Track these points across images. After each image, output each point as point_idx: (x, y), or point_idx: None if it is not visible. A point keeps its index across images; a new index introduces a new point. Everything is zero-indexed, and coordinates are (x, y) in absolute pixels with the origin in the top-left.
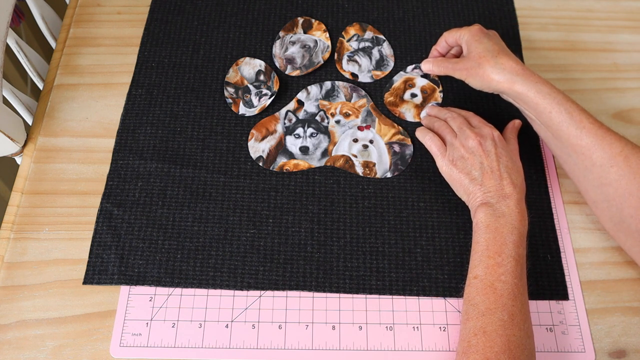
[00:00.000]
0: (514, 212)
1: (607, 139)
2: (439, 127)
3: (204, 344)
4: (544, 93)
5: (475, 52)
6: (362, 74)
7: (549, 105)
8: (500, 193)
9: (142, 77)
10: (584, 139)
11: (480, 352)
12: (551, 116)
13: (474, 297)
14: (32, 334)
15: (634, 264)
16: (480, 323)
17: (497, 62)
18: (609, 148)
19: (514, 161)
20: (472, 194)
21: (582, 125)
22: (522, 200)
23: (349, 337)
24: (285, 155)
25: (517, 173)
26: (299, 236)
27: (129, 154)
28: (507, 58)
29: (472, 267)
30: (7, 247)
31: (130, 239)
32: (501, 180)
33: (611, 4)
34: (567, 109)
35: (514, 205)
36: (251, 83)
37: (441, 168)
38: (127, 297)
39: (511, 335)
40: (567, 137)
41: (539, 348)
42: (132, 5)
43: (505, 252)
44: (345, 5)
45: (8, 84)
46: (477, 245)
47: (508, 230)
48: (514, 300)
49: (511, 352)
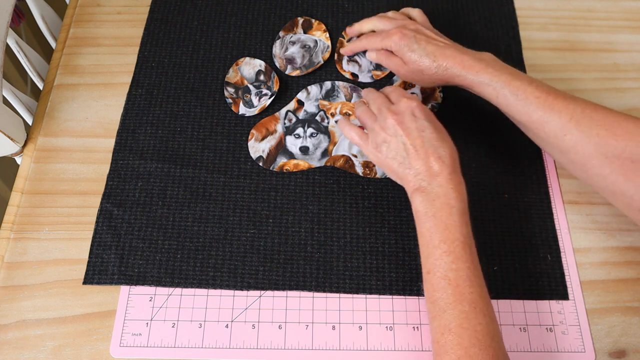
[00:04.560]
0: (447, 190)
1: (556, 109)
2: (360, 114)
3: (204, 344)
4: (486, 81)
5: (412, 60)
6: (362, 74)
7: (494, 91)
8: (429, 172)
9: (142, 77)
10: (533, 115)
11: (450, 352)
12: (498, 101)
13: (432, 294)
14: (32, 334)
15: (634, 264)
16: (444, 321)
17: (438, 65)
18: (558, 118)
19: (438, 130)
20: (404, 178)
21: (529, 102)
22: (453, 172)
23: (349, 337)
24: (285, 155)
25: (443, 143)
26: (299, 236)
27: (129, 154)
28: (444, 57)
29: (422, 262)
30: (7, 247)
31: (130, 239)
32: (427, 157)
33: (611, 4)
34: (511, 90)
35: (445, 183)
36: (251, 83)
37: (368, 156)
38: (127, 297)
39: (477, 324)
40: (519, 116)
41: (539, 348)
42: (132, 5)
43: (450, 237)
44: (345, 5)
45: (8, 84)
46: (422, 237)
47: (446, 213)
48: (471, 286)
49: (480, 343)
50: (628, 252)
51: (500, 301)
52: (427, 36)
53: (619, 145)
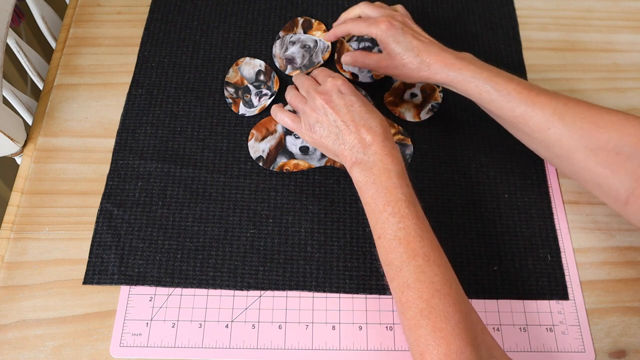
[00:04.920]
0: (382, 156)
1: (539, 104)
2: (290, 98)
3: (204, 344)
4: (468, 78)
5: (396, 52)
6: (362, 74)
7: (476, 88)
8: (363, 144)
9: (142, 77)
10: (516, 111)
11: (413, 307)
12: (481, 97)
13: (386, 256)
14: (32, 334)
15: (634, 264)
16: (401, 279)
17: (421, 61)
18: (541, 112)
19: (364, 103)
20: (341, 154)
21: (511, 98)
22: (385, 139)
23: (349, 337)
24: (285, 155)
25: (371, 114)
26: (299, 236)
27: (129, 154)
28: (427, 53)
29: (372, 229)
30: (7, 247)
31: (130, 239)
32: (359, 130)
33: (611, 4)
34: (493, 86)
35: (380, 150)
36: (251, 83)
37: (304, 138)
38: (127, 297)
39: (433, 276)
40: (502, 112)
41: (539, 348)
42: (132, 5)
43: (392, 199)
44: (345, 5)
45: (8, 84)
46: (367, 206)
47: (385, 177)
48: (422, 240)
49: (439, 293)
50: (628, 252)
51: (500, 301)
52: (413, 30)
53: (603, 137)
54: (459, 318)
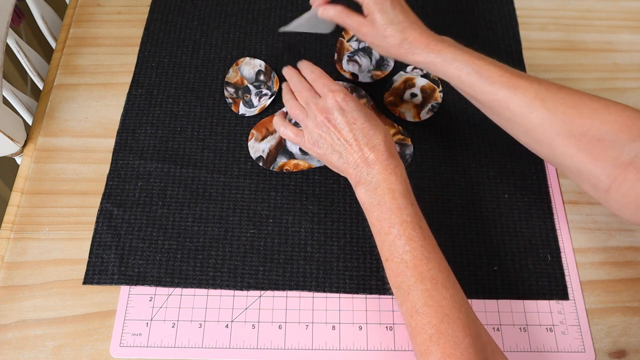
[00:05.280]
0: (386, 175)
1: (521, 88)
2: (289, 108)
3: (204, 344)
4: (448, 59)
5: (380, 23)
6: (362, 74)
7: (457, 70)
8: (366, 163)
9: (142, 77)
10: (498, 94)
11: (422, 332)
12: (461, 79)
13: (394, 279)
14: (32, 334)
15: (634, 264)
16: (410, 303)
17: (404, 38)
18: (523, 96)
19: (368, 118)
20: (345, 172)
21: (493, 81)
22: (389, 157)
23: (349, 337)
24: (285, 155)
25: (375, 131)
26: (299, 236)
27: (129, 154)
28: (412, 30)
29: (379, 251)
30: (7, 247)
31: (130, 239)
32: (362, 149)
33: (611, 4)
34: (475, 69)
35: (383, 169)
36: (251, 83)
37: (309, 152)
38: (127, 297)
39: (441, 299)
40: (482, 96)
41: (539, 348)
42: (132, 5)
43: (398, 221)
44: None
45: (8, 84)
46: (372, 227)
47: (389, 198)
48: (428, 263)
49: (448, 317)
50: (628, 252)
51: (500, 301)
52: (402, 5)
53: (585, 123)
54: (469, 342)
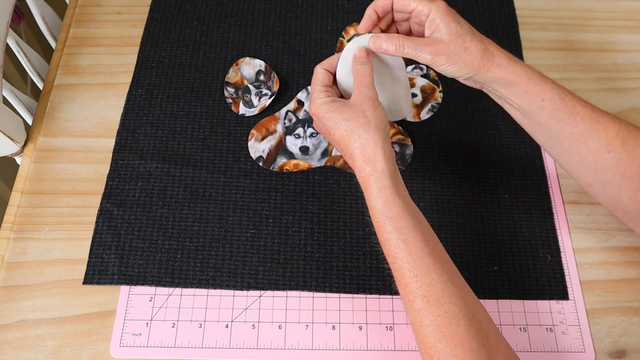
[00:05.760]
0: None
1: (602, 123)
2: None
3: (204, 344)
4: (535, 80)
5: (457, 34)
6: None
7: (541, 93)
8: (360, 174)
9: (142, 77)
10: (578, 126)
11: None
12: (543, 104)
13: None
14: (32, 334)
15: (634, 264)
16: (411, 322)
17: (485, 48)
18: (604, 133)
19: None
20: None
21: (576, 111)
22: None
23: (349, 337)
24: (285, 155)
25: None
26: (299, 236)
27: (129, 154)
28: (488, 41)
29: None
30: (7, 247)
31: (130, 239)
32: (348, 158)
33: (611, 4)
34: (560, 95)
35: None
36: (251, 83)
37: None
38: (127, 297)
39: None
40: (560, 125)
41: (539, 348)
42: (132, 5)
43: (381, 239)
44: (345, 5)
45: (8, 84)
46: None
47: (371, 214)
48: (416, 281)
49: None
50: (628, 252)
51: (500, 301)
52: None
53: None
54: (471, 357)
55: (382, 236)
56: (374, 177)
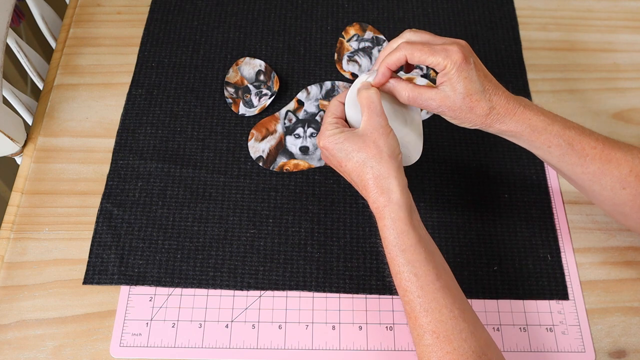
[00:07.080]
0: (379, 216)
1: (614, 161)
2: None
3: (204, 344)
4: (539, 130)
5: (465, 93)
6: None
7: (547, 141)
8: (374, 206)
9: (142, 77)
10: (589, 167)
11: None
12: (550, 150)
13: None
14: (32, 334)
15: (634, 264)
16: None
17: (492, 107)
18: (617, 171)
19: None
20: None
21: (585, 154)
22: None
23: (349, 337)
24: (285, 155)
25: (362, 169)
26: (299, 236)
27: (129, 154)
28: (497, 97)
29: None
30: (7, 247)
31: (130, 239)
32: (362, 190)
33: (611, 4)
34: (567, 140)
35: (375, 211)
36: (251, 83)
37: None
38: (127, 297)
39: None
40: (571, 167)
41: (539, 348)
42: (132, 5)
43: (393, 272)
44: (345, 5)
45: (8, 84)
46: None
47: (384, 245)
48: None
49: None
50: (628, 252)
51: (500, 301)
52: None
53: None
54: None
55: (393, 268)
56: (388, 209)
